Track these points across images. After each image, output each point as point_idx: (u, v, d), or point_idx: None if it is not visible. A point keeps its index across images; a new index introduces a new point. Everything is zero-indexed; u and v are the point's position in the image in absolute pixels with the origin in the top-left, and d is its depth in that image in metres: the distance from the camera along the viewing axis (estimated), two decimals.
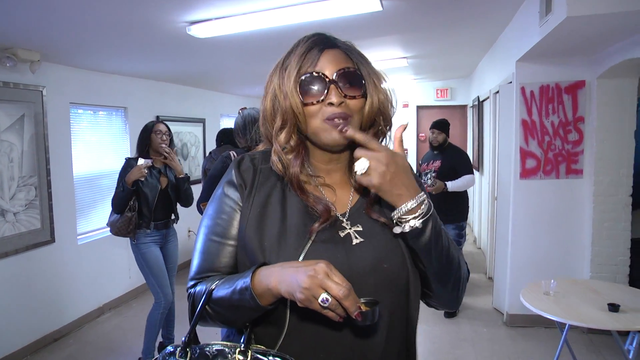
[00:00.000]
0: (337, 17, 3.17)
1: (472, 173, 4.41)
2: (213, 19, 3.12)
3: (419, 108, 8.32)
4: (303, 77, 0.94)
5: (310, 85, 0.94)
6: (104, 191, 4.78)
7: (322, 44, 0.98)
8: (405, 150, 0.97)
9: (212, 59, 4.59)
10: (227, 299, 0.90)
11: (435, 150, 4.59)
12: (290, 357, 0.89)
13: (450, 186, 4.27)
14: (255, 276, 0.87)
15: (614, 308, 2.53)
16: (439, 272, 0.97)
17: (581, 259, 3.94)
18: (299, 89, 0.94)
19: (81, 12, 2.82)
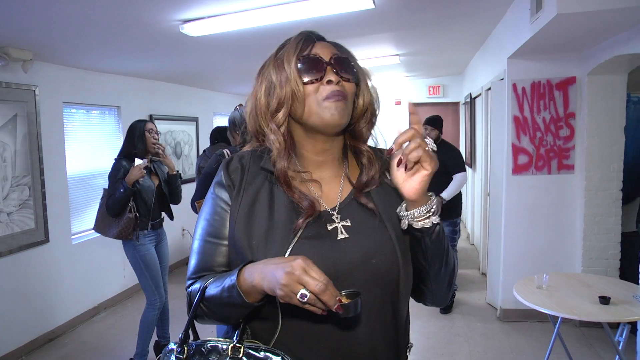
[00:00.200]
0: (329, 14, 3.19)
1: (463, 170, 4.40)
2: (206, 17, 3.12)
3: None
4: (301, 59, 0.98)
5: (308, 66, 0.97)
6: (98, 191, 4.73)
7: (313, 36, 1.03)
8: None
9: (205, 58, 4.59)
10: (217, 297, 0.92)
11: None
12: (281, 352, 0.91)
13: (447, 196, 4.28)
14: (242, 274, 0.89)
15: (605, 301, 2.57)
16: (439, 269, 0.99)
17: (573, 253, 3.99)
18: (297, 69, 0.97)
19: (74, 11, 2.81)
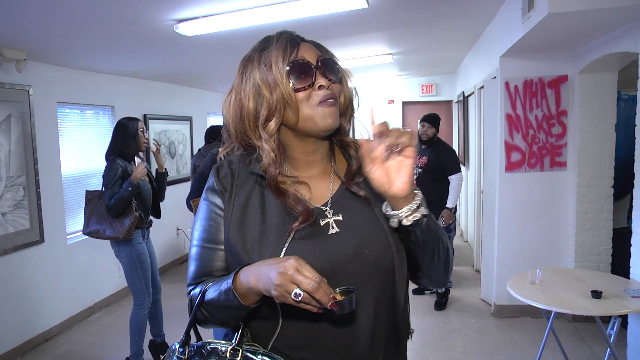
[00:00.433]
0: (323, 14, 3.21)
1: (459, 171, 4.40)
2: (200, 17, 3.13)
3: (405, 104, 8.38)
4: (291, 65, 0.96)
5: (298, 72, 0.96)
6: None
7: (296, 38, 1.02)
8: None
9: (199, 57, 4.59)
10: (215, 301, 0.94)
11: (424, 144, 4.53)
12: (277, 356, 0.93)
13: (451, 204, 4.32)
14: (237, 277, 0.90)
15: (596, 295, 2.60)
16: (432, 254, 0.99)
17: (566, 249, 4.03)
18: (288, 77, 0.96)
19: (68, 11, 2.81)
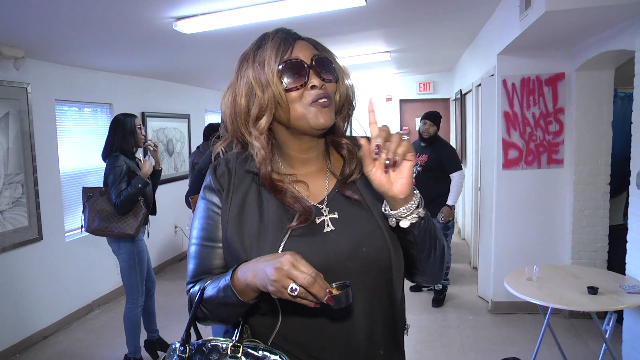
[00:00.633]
0: (322, 12, 3.22)
1: (460, 169, 4.38)
2: (199, 15, 3.13)
3: (402, 102, 8.40)
4: (283, 64, 0.96)
5: (291, 72, 0.96)
6: None
7: (291, 35, 1.01)
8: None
9: (197, 55, 4.59)
10: (214, 298, 0.95)
11: (424, 142, 4.49)
12: (278, 351, 0.94)
13: (452, 201, 4.30)
14: (235, 274, 0.92)
15: (593, 291, 2.63)
16: (428, 253, 1.01)
17: (562, 245, 4.06)
18: (280, 76, 0.96)
19: (66, 8, 2.81)
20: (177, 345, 1.01)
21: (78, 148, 4.72)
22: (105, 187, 3.29)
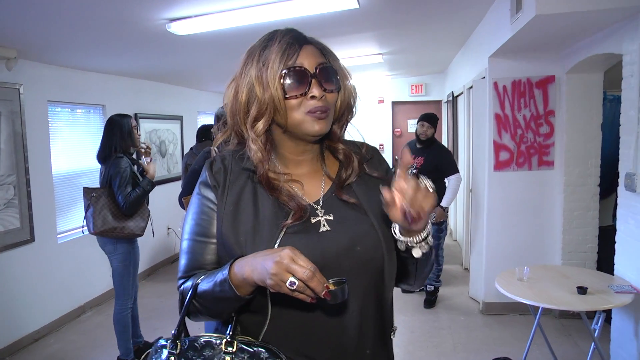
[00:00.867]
0: (314, 14, 3.23)
1: (457, 172, 4.37)
2: (193, 16, 3.14)
3: (394, 104, 8.43)
4: (286, 71, 0.97)
5: (293, 79, 0.97)
6: None
7: (299, 39, 1.01)
8: (380, 145, 1.03)
9: (191, 57, 4.60)
10: (210, 292, 0.95)
11: (421, 144, 4.46)
12: (272, 347, 0.95)
13: (446, 204, 4.31)
14: (232, 268, 0.92)
15: (582, 291, 2.66)
16: (422, 269, 1.07)
17: (553, 246, 4.10)
18: (281, 82, 0.97)
19: (59, 9, 2.81)
20: (165, 342, 0.99)
21: (71, 149, 4.71)
22: (109, 189, 3.25)
